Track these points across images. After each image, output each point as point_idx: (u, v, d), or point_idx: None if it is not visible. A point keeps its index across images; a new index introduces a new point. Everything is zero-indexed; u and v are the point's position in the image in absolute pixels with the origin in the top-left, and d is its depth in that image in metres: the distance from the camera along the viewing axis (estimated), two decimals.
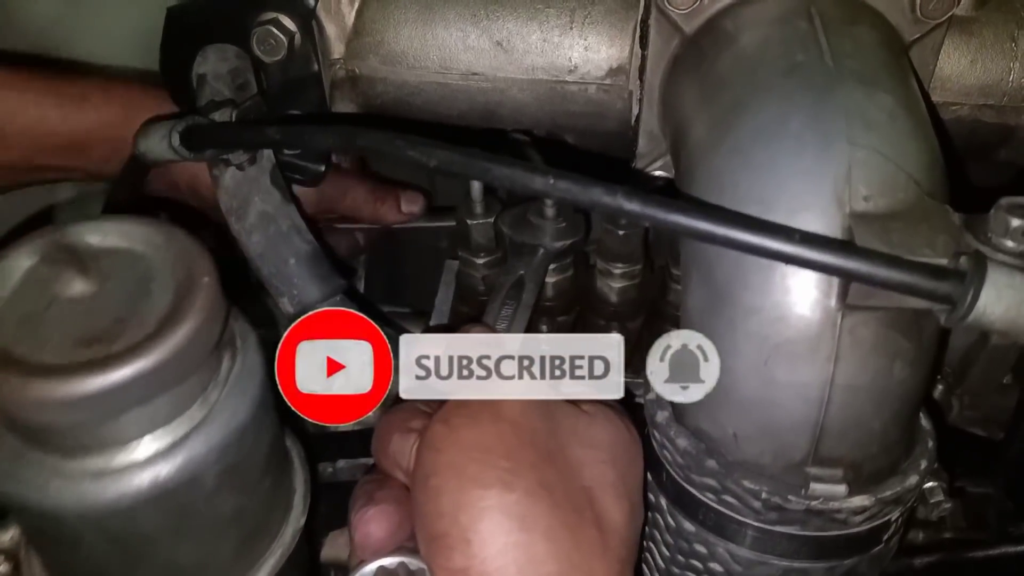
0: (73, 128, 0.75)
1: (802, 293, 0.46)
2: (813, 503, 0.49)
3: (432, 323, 0.86)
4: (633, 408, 0.82)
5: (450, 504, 0.45)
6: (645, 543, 0.58)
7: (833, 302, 0.45)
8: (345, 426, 0.86)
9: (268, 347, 0.55)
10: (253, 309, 0.54)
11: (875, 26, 0.57)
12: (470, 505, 0.44)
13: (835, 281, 0.45)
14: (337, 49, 0.69)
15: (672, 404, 0.55)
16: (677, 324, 0.80)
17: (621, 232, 0.77)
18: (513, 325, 0.65)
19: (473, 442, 0.46)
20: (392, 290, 0.99)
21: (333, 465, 0.78)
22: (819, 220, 0.46)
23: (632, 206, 0.45)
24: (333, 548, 0.83)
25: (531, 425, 0.47)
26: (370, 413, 0.86)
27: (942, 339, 0.49)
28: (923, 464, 0.52)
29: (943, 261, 0.43)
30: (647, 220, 0.45)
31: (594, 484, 0.47)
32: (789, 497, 0.49)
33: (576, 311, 0.84)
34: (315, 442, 0.78)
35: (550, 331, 0.82)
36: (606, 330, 0.83)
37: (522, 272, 0.72)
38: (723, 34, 0.58)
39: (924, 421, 0.54)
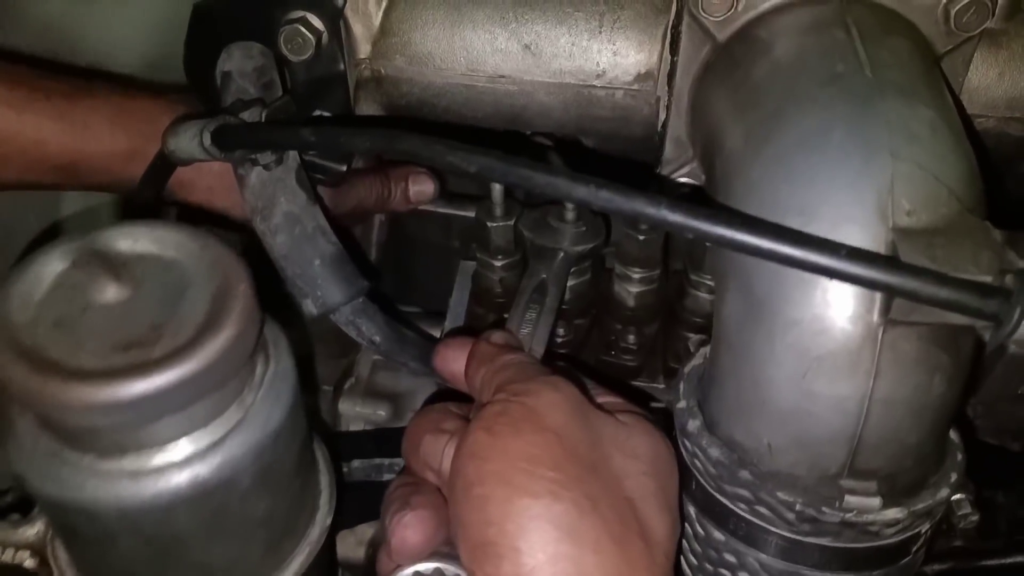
0: (72, 155, 0.71)
1: (843, 307, 0.46)
2: (847, 515, 0.49)
3: (447, 325, 0.86)
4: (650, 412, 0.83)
5: (498, 513, 0.44)
6: None
7: (875, 317, 0.45)
8: (359, 426, 0.86)
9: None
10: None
11: (908, 36, 0.57)
12: (518, 514, 0.44)
13: (877, 296, 0.45)
14: (363, 49, 0.69)
15: (704, 413, 0.55)
16: (694, 329, 0.81)
17: (641, 237, 0.77)
18: (537, 329, 0.65)
19: (519, 451, 0.46)
20: (402, 290, 0.99)
21: (348, 465, 0.78)
22: (862, 233, 0.46)
23: (676, 217, 0.44)
24: (343, 547, 0.83)
25: (573, 435, 0.47)
26: (383, 414, 0.86)
27: (978, 354, 0.50)
28: (953, 477, 0.53)
29: (988, 279, 0.43)
30: (691, 232, 0.44)
31: (636, 496, 0.47)
32: (823, 509, 0.49)
33: (592, 315, 0.83)
34: (331, 441, 0.78)
35: (567, 335, 0.82)
36: (622, 334, 0.82)
37: (544, 276, 0.72)
38: (757, 42, 0.58)
39: (953, 434, 0.55)
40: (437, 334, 0.86)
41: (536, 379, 0.51)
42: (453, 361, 0.58)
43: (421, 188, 0.89)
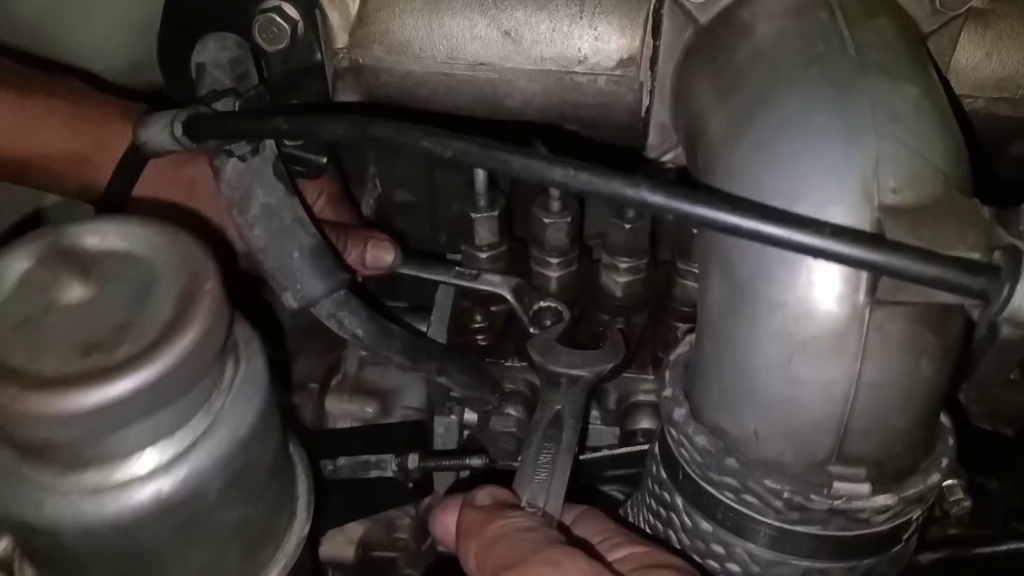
0: (23, 151, 0.69)
1: (828, 288, 0.45)
2: (836, 503, 0.48)
3: (433, 319, 0.84)
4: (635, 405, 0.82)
5: None
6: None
7: (861, 297, 0.44)
8: (346, 423, 0.85)
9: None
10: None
11: (894, 16, 0.56)
12: None
13: (863, 276, 0.44)
14: (341, 38, 0.67)
15: (690, 401, 0.54)
16: (682, 319, 0.80)
17: (628, 226, 0.76)
18: (553, 479, 0.55)
19: None
20: (388, 285, 0.98)
21: (334, 462, 0.77)
22: (847, 214, 0.45)
23: (656, 198, 0.43)
24: (332, 546, 0.82)
25: None
26: (370, 411, 0.85)
27: (967, 335, 0.49)
28: (944, 462, 0.52)
29: (976, 255, 0.42)
30: (671, 213, 0.43)
31: None
32: (811, 496, 0.48)
33: (580, 305, 0.82)
34: (315, 439, 0.77)
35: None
36: (610, 325, 0.81)
37: (559, 407, 0.62)
38: (739, 24, 0.57)
39: (944, 418, 0.54)
40: (423, 328, 0.84)
41: (534, 557, 0.45)
42: (454, 527, 0.51)
43: (379, 254, 0.81)
